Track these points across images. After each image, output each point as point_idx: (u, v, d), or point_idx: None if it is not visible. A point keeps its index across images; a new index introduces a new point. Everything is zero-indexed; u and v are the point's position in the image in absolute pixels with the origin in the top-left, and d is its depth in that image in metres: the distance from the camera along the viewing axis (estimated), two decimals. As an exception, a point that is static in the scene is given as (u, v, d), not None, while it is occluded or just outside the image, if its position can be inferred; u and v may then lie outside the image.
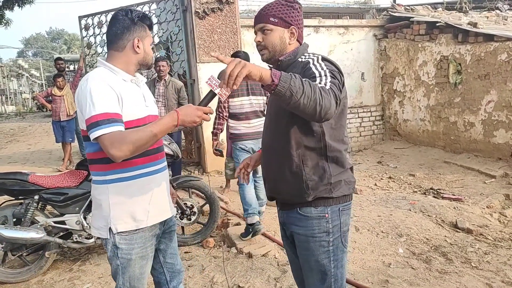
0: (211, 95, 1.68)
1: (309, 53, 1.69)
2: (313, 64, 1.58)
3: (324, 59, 1.62)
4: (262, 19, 1.67)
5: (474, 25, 6.21)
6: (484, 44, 6.00)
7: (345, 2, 12.49)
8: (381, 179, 5.81)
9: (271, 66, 1.75)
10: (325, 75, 1.51)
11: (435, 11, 8.00)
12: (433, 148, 7.09)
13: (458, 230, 3.74)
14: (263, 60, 1.73)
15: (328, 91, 1.42)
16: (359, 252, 3.38)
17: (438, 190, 5.02)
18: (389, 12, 8.02)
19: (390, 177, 5.83)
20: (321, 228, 1.64)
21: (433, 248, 3.41)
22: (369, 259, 3.23)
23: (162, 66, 5.37)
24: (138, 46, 1.73)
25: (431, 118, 7.15)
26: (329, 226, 1.64)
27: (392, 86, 7.93)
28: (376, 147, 8.02)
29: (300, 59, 1.68)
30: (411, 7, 8.24)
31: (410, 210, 4.27)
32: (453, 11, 8.31)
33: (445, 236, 3.62)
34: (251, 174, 2.06)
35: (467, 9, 8.41)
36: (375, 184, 5.51)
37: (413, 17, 7.28)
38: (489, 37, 5.94)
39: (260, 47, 1.70)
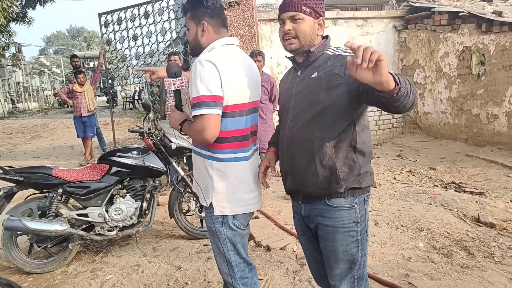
0: (177, 93, 1.91)
1: (335, 47, 1.68)
2: None
3: None
4: (293, 7, 1.61)
5: (499, 14, 6.02)
6: (509, 33, 5.81)
7: (363, -7, 12.26)
8: (401, 173, 5.73)
9: (292, 56, 1.72)
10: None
11: (457, 1, 7.78)
12: (454, 141, 6.94)
13: (481, 225, 3.66)
14: (291, 50, 1.67)
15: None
16: (378, 246, 3.35)
17: (459, 184, 4.92)
18: (409, 2, 7.84)
19: (410, 171, 5.74)
20: (351, 219, 1.66)
21: (454, 242, 3.35)
22: (389, 253, 3.20)
23: (174, 60, 5.41)
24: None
25: (452, 111, 6.99)
26: (357, 216, 1.67)
27: (413, 78, 7.77)
28: (396, 140, 7.89)
29: (328, 52, 1.65)
30: (432, -3, 8.04)
31: (431, 204, 4.20)
32: (477, 0, 8.07)
33: (467, 231, 3.55)
34: None
35: (491, -2, 8.15)
36: (395, 178, 5.44)
37: (434, 7, 7.10)
38: (514, 26, 5.76)
39: (289, 36, 1.63)
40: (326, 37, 1.72)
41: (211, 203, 1.81)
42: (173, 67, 1.89)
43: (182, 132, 1.86)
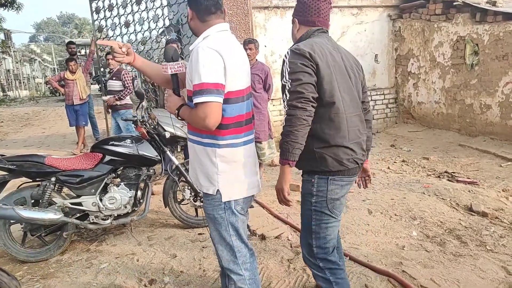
0: (174, 77, 1.91)
1: (297, 45, 1.89)
2: (283, 67, 1.88)
3: (294, 52, 1.84)
4: None
5: (493, 3, 6.02)
6: (503, 23, 5.82)
7: (358, -18, 12.16)
8: (394, 162, 5.76)
9: None
10: (288, 87, 1.82)
11: (452, -10, 7.75)
12: (447, 131, 6.98)
13: (473, 214, 3.70)
14: None
15: (291, 110, 1.80)
16: (372, 234, 3.38)
17: (452, 174, 4.96)
18: (404, -9, 7.80)
19: (403, 161, 5.78)
20: (307, 190, 1.98)
21: (447, 231, 3.39)
22: (383, 241, 3.23)
23: None
24: None
25: (446, 101, 7.02)
26: (313, 189, 1.95)
27: (407, 68, 7.79)
28: (389, 130, 7.93)
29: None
30: (427, -14, 8.00)
31: (424, 194, 4.24)
32: (471, -11, 8.04)
33: (460, 220, 3.59)
34: None
35: (486, -12, 8.13)
36: (388, 168, 5.47)
37: (429, -4, 7.07)
38: (509, 16, 5.76)
39: None
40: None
41: (217, 190, 1.82)
42: (170, 51, 1.86)
43: (179, 118, 1.85)
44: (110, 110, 6.29)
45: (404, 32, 7.67)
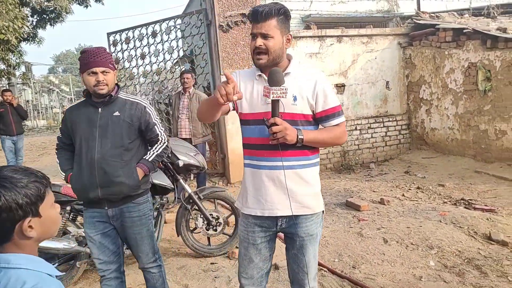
0: (277, 104, 1.67)
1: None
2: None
3: None
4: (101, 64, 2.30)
5: (504, 30, 6.05)
6: (514, 49, 5.82)
7: (367, 11, 12.41)
8: (409, 189, 5.68)
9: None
10: None
11: (461, 18, 7.84)
12: (462, 158, 6.88)
13: (492, 242, 3.60)
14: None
15: None
16: (388, 264, 3.29)
17: (469, 201, 4.86)
18: (413, 19, 7.91)
19: (418, 188, 5.69)
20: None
21: (466, 260, 3.29)
22: (399, 271, 3.15)
23: (187, 78, 5.49)
24: None
25: (460, 127, 6.96)
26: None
27: (418, 95, 7.79)
28: (403, 156, 7.85)
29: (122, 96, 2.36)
30: (436, 14, 8.11)
31: (441, 222, 4.14)
32: (481, 17, 8.12)
33: (479, 249, 3.49)
34: None
35: (496, 15, 8.18)
36: (403, 195, 5.39)
37: (438, 24, 7.16)
38: (520, 43, 5.77)
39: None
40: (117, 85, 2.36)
41: (324, 204, 1.95)
42: (278, 74, 1.64)
43: (300, 143, 1.74)
44: None
45: (415, 59, 7.73)
